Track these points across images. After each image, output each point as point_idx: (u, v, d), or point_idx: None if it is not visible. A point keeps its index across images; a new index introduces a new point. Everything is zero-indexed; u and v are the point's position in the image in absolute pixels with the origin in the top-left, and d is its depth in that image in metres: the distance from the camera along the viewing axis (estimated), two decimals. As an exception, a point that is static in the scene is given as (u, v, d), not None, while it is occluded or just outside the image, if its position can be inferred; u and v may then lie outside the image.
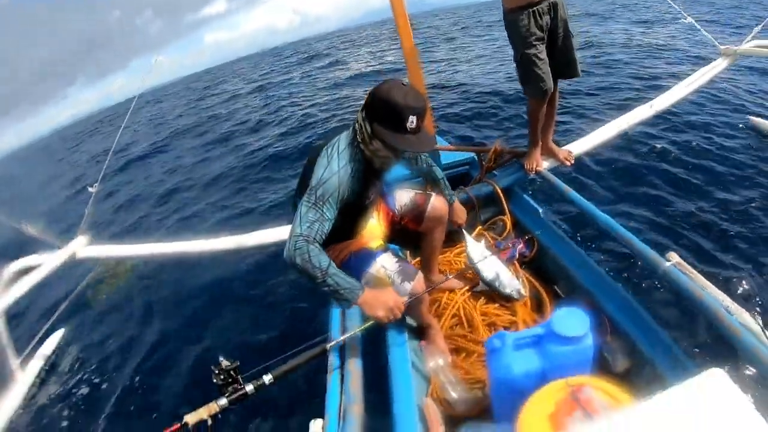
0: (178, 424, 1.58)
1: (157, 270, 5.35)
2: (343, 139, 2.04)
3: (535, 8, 2.91)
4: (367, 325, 2.01)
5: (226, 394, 1.69)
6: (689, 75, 4.11)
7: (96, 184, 3.33)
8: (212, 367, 1.69)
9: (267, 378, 1.78)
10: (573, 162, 3.53)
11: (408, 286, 2.18)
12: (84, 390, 3.83)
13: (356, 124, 2.00)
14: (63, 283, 3.60)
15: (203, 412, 1.63)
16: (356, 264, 1.98)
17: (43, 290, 2.96)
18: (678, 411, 1.07)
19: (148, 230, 7.60)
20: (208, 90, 29.51)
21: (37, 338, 3.52)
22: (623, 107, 4.58)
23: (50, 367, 3.92)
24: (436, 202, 2.50)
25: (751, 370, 1.92)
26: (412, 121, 1.86)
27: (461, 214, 2.82)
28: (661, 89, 4.10)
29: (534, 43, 2.97)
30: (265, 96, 18.29)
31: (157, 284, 5.18)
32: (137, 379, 3.79)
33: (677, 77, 4.49)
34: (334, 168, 1.94)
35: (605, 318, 2.34)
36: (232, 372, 1.70)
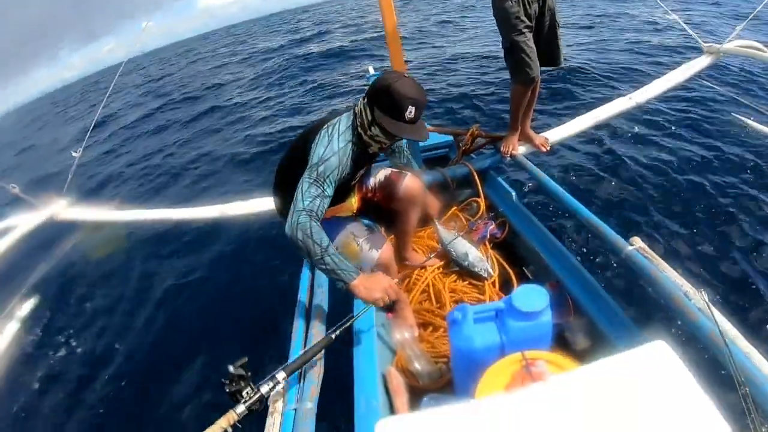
0: None
1: (142, 240, 5.38)
2: (343, 121, 2.12)
3: None
4: (366, 309, 2.02)
5: (243, 401, 1.57)
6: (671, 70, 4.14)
7: (80, 149, 3.28)
8: (222, 380, 1.59)
9: (280, 376, 1.69)
10: (549, 148, 3.56)
11: (375, 254, 2.24)
12: (58, 354, 3.86)
13: (357, 109, 2.09)
14: (43, 246, 3.57)
15: (223, 423, 1.53)
16: (327, 229, 2.02)
17: (22, 252, 2.93)
18: (621, 376, 1.12)
19: (129, 197, 7.66)
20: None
21: (12, 302, 3.50)
22: (604, 99, 4.62)
23: (25, 332, 3.92)
24: (410, 182, 2.52)
25: (702, 352, 1.99)
26: (411, 111, 1.97)
27: (433, 204, 2.85)
28: (642, 83, 4.13)
29: (523, 30, 2.99)
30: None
31: (142, 254, 5.22)
32: (112, 344, 3.83)
33: (659, 72, 4.54)
34: (335, 147, 2.02)
35: (569, 299, 2.40)
36: (241, 377, 1.60)
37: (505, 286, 2.71)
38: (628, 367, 1.15)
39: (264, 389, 1.60)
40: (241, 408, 1.54)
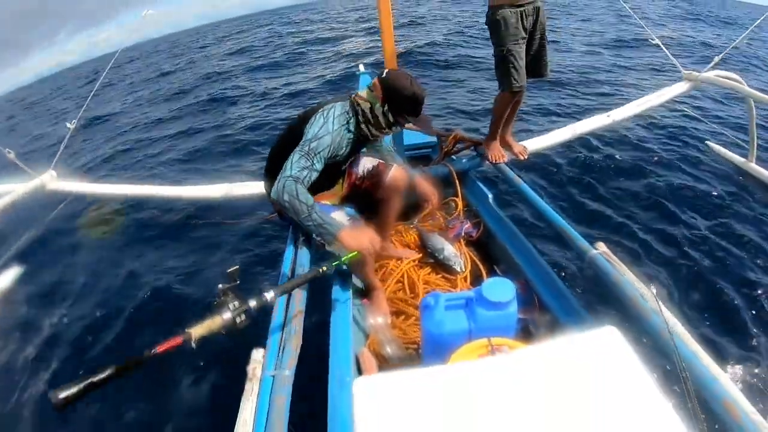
0: (180, 338, 1.53)
1: (131, 213, 5.41)
2: (338, 107, 2.30)
3: (523, 9, 3.07)
4: (350, 255, 2.13)
5: (231, 309, 1.65)
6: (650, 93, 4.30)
7: (74, 121, 3.32)
8: (218, 288, 1.68)
9: (269, 295, 1.80)
10: (527, 157, 3.71)
11: None
12: (41, 322, 3.88)
13: (356, 99, 2.33)
14: (30, 214, 3.60)
15: (208, 326, 1.58)
16: None
17: (9, 219, 2.96)
18: (574, 353, 1.25)
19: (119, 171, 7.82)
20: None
21: None
22: (581, 114, 4.81)
23: (8, 300, 3.95)
24: (396, 173, 2.64)
25: (652, 346, 2.14)
26: (422, 107, 2.33)
27: (428, 190, 2.88)
28: (620, 103, 4.29)
29: (519, 40, 3.12)
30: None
31: (131, 227, 5.25)
32: (101, 312, 3.90)
33: (639, 93, 4.72)
34: (329, 128, 2.20)
35: (535, 296, 2.55)
36: (230, 289, 1.69)
37: (476, 282, 2.83)
38: (582, 346, 1.28)
39: (252, 303, 1.72)
40: (227, 315, 1.63)
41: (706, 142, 5.26)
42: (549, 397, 1.14)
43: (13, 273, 3.69)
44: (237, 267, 1.73)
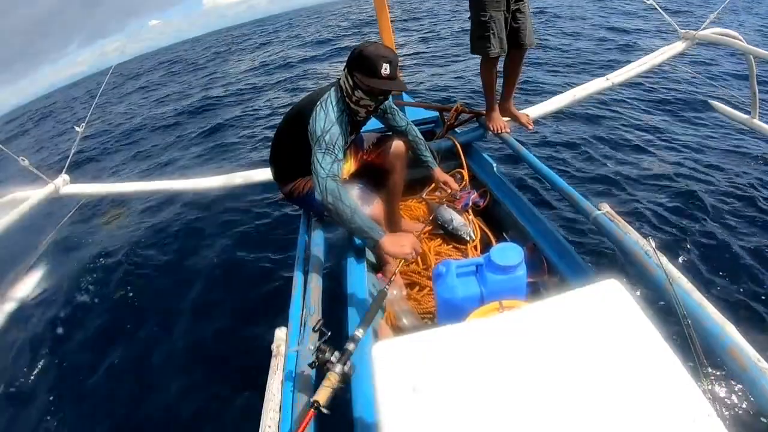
0: (311, 410, 1.45)
1: (145, 215, 5.53)
2: (332, 94, 2.33)
3: None
4: (399, 265, 2.27)
5: (336, 361, 1.57)
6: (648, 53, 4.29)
7: (83, 125, 3.33)
8: (311, 349, 1.61)
9: (359, 332, 1.71)
10: (533, 127, 3.74)
11: (368, 209, 2.43)
12: (60, 329, 3.99)
13: (341, 82, 2.33)
14: (46, 219, 3.69)
15: (329, 386, 1.51)
16: None
17: (26, 225, 3.03)
18: (575, 308, 1.32)
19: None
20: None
21: (18, 275, 3.60)
22: (581, 77, 4.83)
23: (29, 304, 4.06)
24: (397, 142, 2.79)
25: (657, 299, 2.20)
26: (386, 68, 2.19)
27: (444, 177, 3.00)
28: (619, 65, 4.29)
29: (497, 7, 3.10)
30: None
31: (142, 225, 5.37)
32: (117, 313, 4.01)
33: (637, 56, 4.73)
34: (333, 117, 2.24)
35: (544, 260, 2.62)
36: (325, 344, 1.61)
37: (486, 250, 2.87)
38: (585, 299, 1.35)
39: (350, 346, 1.64)
40: (339, 368, 1.56)
41: (709, 101, 5.26)
42: (556, 349, 1.21)
43: (36, 276, 3.80)
44: (320, 319, 1.72)
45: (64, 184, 3.30)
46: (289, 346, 1.86)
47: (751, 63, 3.73)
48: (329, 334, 1.65)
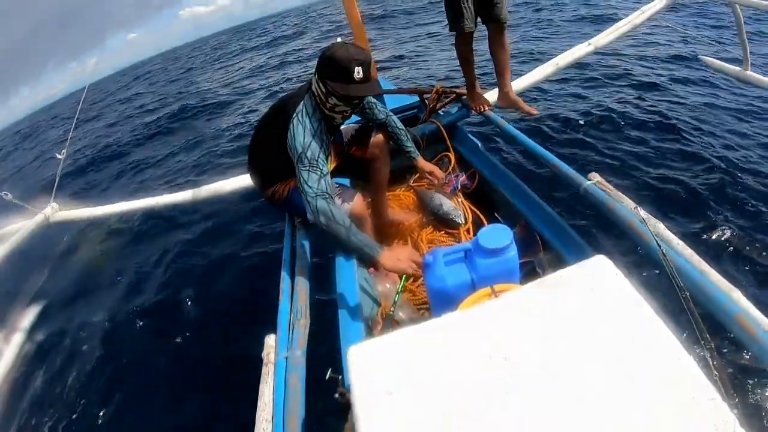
0: None
1: (131, 234, 5.48)
2: (307, 104, 2.22)
3: None
4: (402, 283, 2.23)
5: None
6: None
7: (64, 151, 3.31)
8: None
9: None
10: (537, 112, 3.60)
11: (347, 206, 2.38)
12: (65, 362, 3.93)
13: (313, 88, 2.22)
14: (39, 250, 3.67)
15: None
16: (297, 195, 2.16)
17: (20, 258, 3.01)
18: (562, 290, 1.26)
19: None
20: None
21: (15, 312, 3.58)
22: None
23: (31, 340, 4.01)
24: (376, 134, 2.73)
25: (654, 268, 2.13)
26: (359, 72, 2.07)
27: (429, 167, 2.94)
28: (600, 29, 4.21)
29: None
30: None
31: (132, 249, 5.31)
32: (116, 340, 3.95)
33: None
34: (310, 131, 2.14)
35: (538, 237, 2.55)
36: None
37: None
38: (575, 277, 1.29)
39: None
40: None
41: (699, 56, 5.17)
42: (545, 333, 1.16)
43: (32, 312, 3.73)
44: (341, 377, 1.71)
45: (54, 212, 3.29)
46: (278, 352, 1.81)
47: (737, 12, 3.64)
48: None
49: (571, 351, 1.10)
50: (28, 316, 3.76)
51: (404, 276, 2.21)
